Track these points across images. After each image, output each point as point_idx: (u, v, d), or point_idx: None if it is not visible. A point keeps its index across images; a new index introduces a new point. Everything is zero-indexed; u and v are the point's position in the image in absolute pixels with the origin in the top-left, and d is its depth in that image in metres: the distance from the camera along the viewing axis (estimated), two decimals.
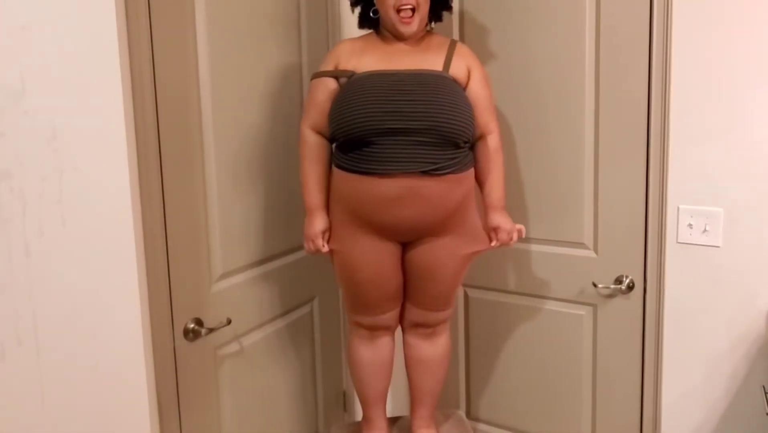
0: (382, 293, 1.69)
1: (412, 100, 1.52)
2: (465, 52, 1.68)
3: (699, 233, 1.71)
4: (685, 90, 1.68)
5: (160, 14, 1.43)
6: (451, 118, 1.53)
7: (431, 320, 1.77)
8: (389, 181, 1.53)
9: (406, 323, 1.80)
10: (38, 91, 1.19)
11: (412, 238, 1.64)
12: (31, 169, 1.19)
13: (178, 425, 1.54)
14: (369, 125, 1.51)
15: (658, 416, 1.85)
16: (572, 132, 1.87)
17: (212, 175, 1.63)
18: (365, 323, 1.77)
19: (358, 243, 1.63)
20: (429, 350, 1.82)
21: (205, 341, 1.61)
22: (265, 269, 1.84)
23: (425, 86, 1.55)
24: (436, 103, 1.52)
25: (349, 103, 1.53)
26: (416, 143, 1.52)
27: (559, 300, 1.99)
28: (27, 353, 1.21)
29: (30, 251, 1.20)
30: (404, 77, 1.56)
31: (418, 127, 1.51)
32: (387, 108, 1.51)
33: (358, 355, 1.82)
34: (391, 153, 1.52)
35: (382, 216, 1.57)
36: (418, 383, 1.85)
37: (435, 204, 1.57)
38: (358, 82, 1.57)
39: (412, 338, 1.82)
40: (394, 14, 1.58)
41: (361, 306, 1.73)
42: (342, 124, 1.54)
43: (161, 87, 1.44)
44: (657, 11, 1.69)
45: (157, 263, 1.45)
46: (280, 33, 1.84)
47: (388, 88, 1.53)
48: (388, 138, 1.52)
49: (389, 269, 1.66)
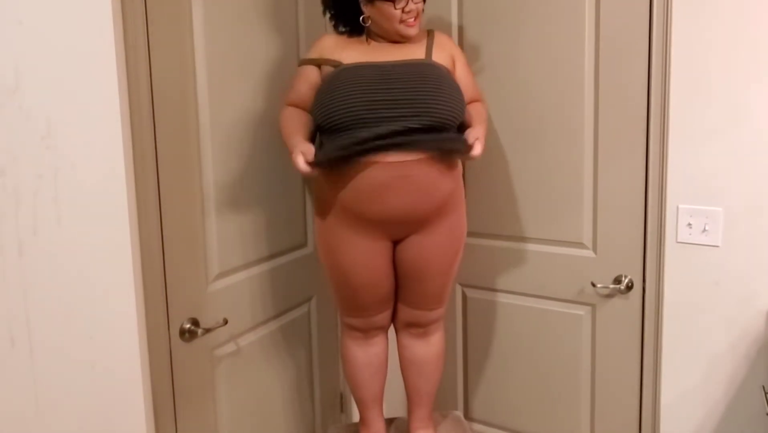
0: (375, 295, 1.68)
1: (402, 87, 1.51)
2: (445, 42, 1.70)
3: (698, 233, 1.70)
4: (684, 89, 1.67)
5: (156, 9, 1.42)
6: (441, 102, 1.52)
7: (424, 319, 1.76)
8: (378, 167, 1.50)
9: (399, 324, 1.80)
10: (33, 86, 1.17)
11: (402, 233, 1.62)
12: (25, 167, 1.17)
13: (173, 427, 1.53)
14: (358, 114, 1.49)
15: (657, 416, 1.85)
16: (571, 132, 1.87)
17: (209, 173, 1.61)
18: (358, 324, 1.76)
19: (349, 245, 1.61)
20: (424, 350, 1.81)
21: (202, 341, 1.60)
22: (262, 269, 1.82)
23: (413, 74, 1.55)
24: (425, 89, 1.52)
25: (337, 92, 1.51)
26: (406, 132, 1.50)
27: (557, 300, 1.98)
28: (20, 354, 1.20)
29: (23, 250, 1.18)
30: (391, 67, 1.56)
31: (408, 114, 1.49)
32: (376, 97, 1.50)
33: (351, 356, 1.81)
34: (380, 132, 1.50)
35: (372, 206, 1.54)
36: (414, 383, 1.84)
37: (425, 191, 1.54)
38: (345, 72, 1.56)
39: (405, 338, 1.81)
40: (397, 24, 1.58)
41: (354, 309, 1.72)
42: (330, 113, 1.51)
43: (157, 83, 1.43)
44: (657, 11, 1.68)
45: (153, 262, 1.44)
46: (278, 26, 1.83)
47: (376, 77, 1.53)
48: (379, 127, 1.49)
49: (381, 270, 1.65)
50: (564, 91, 1.86)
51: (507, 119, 1.97)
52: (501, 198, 2.01)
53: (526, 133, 1.95)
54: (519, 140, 1.96)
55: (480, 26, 1.98)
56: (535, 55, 1.89)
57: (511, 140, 1.97)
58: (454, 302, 2.18)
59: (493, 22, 1.95)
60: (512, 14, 1.91)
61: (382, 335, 1.82)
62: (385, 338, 1.83)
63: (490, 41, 1.96)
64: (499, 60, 1.95)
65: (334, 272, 1.68)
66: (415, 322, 1.77)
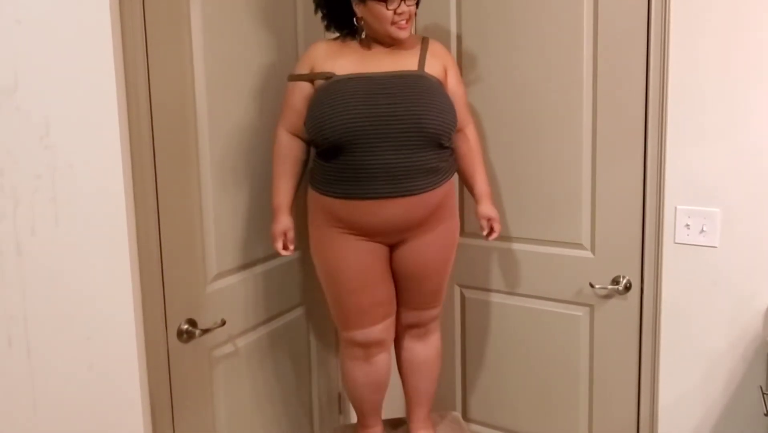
0: (372, 298, 1.65)
1: (394, 102, 1.51)
2: (439, 51, 1.67)
3: (696, 234, 1.70)
4: (682, 91, 1.68)
5: (154, 10, 1.42)
6: (434, 117, 1.53)
7: (425, 318, 1.77)
8: (371, 202, 1.55)
9: (400, 327, 1.79)
10: (31, 86, 1.17)
11: (396, 238, 1.63)
12: (23, 167, 1.17)
13: (171, 427, 1.53)
14: (351, 131, 1.49)
15: (655, 417, 1.85)
16: (570, 132, 1.87)
17: (207, 174, 1.61)
18: (358, 339, 1.69)
19: (343, 250, 1.61)
20: (424, 352, 1.81)
21: (200, 342, 1.59)
22: (260, 270, 1.82)
23: (406, 87, 1.54)
24: (418, 103, 1.52)
25: (330, 108, 1.51)
26: (399, 147, 1.51)
27: (556, 301, 1.98)
28: (18, 355, 1.19)
29: (22, 251, 1.18)
30: (383, 80, 1.55)
31: (401, 129, 1.50)
32: (369, 112, 1.49)
33: (352, 377, 1.77)
34: (373, 168, 1.51)
35: (364, 217, 1.57)
36: (415, 385, 1.83)
37: (419, 205, 1.58)
38: (337, 86, 1.55)
39: (406, 341, 1.81)
40: (389, 26, 1.56)
41: (352, 317, 1.67)
42: (323, 130, 1.52)
43: (156, 84, 1.43)
44: (654, 14, 1.69)
45: (151, 262, 1.44)
46: (277, 32, 1.82)
47: (368, 92, 1.52)
48: (371, 144, 1.50)
49: (377, 273, 1.65)
50: (562, 92, 1.86)
51: (506, 121, 1.97)
52: (499, 199, 2.01)
53: (525, 134, 1.95)
54: (517, 142, 1.96)
55: (479, 28, 1.98)
56: (533, 57, 1.89)
57: (510, 142, 1.97)
58: (452, 302, 2.17)
59: (491, 24, 1.95)
60: (511, 17, 1.91)
61: (384, 353, 1.74)
62: (387, 356, 1.76)
63: (489, 43, 1.96)
64: (497, 62, 1.95)
65: (330, 279, 1.66)
66: (415, 323, 1.77)
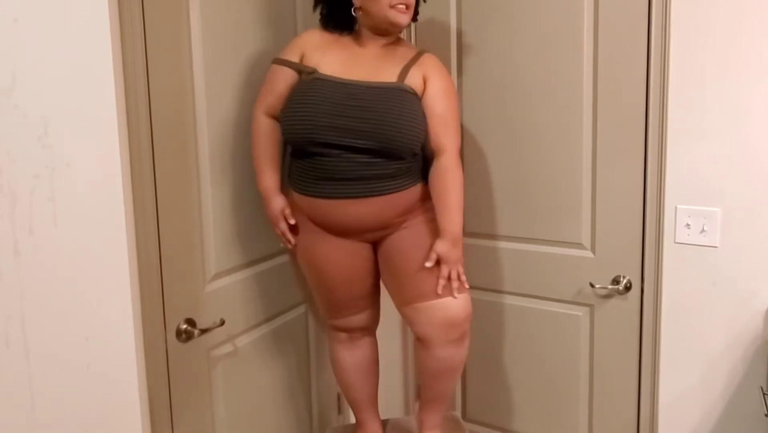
0: (350, 293, 1.72)
1: (361, 117, 1.52)
2: (427, 63, 1.62)
3: (696, 233, 1.70)
4: (682, 90, 1.67)
5: (153, 7, 1.41)
6: (395, 136, 1.53)
7: (452, 312, 1.63)
8: (329, 201, 1.58)
9: (423, 337, 1.67)
10: (29, 85, 1.16)
11: (373, 236, 1.65)
12: (21, 166, 1.17)
13: (170, 428, 1.52)
14: (315, 137, 1.53)
15: (656, 417, 1.84)
16: (570, 132, 1.86)
17: (206, 173, 1.61)
18: (340, 325, 1.79)
19: (321, 245, 1.66)
20: (457, 354, 1.70)
21: (198, 342, 1.59)
22: (259, 269, 1.82)
23: (378, 101, 1.54)
24: (383, 121, 1.52)
25: (300, 112, 1.55)
26: (360, 161, 1.53)
27: (556, 301, 1.98)
28: (16, 354, 1.19)
29: (19, 250, 1.18)
30: (358, 91, 1.55)
31: (364, 145, 1.52)
32: (336, 123, 1.52)
33: (339, 359, 1.84)
34: (332, 171, 1.54)
35: (328, 218, 1.61)
36: (439, 386, 1.75)
37: (383, 205, 1.58)
38: (312, 88, 1.56)
39: (441, 348, 1.66)
40: (388, 9, 1.54)
41: (331, 308, 1.76)
42: (291, 131, 1.57)
43: (154, 83, 1.42)
44: (655, 13, 1.68)
45: (150, 262, 1.43)
46: (276, 30, 1.82)
47: (339, 102, 1.53)
48: (332, 154, 1.54)
49: (355, 269, 1.68)
50: (563, 91, 1.86)
51: (506, 120, 1.96)
52: (500, 198, 2.01)
53: (525, 134, 1.94)
54: (517, 141, 1.96)
55: (478, 28, 1.97)
56: (533, 56, 1.89)
57: (510, 141, 1.97)
58: None
59: (491, 23, 1.95)
60: (510, 16, 1.91)
61: (367, 337, 1.83)
62: (372, 339, 1.85)
63: (489, 42, 1.96)
64: (497, 61, 1.95)
65: (310, 272, 1.73)
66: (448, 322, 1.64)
